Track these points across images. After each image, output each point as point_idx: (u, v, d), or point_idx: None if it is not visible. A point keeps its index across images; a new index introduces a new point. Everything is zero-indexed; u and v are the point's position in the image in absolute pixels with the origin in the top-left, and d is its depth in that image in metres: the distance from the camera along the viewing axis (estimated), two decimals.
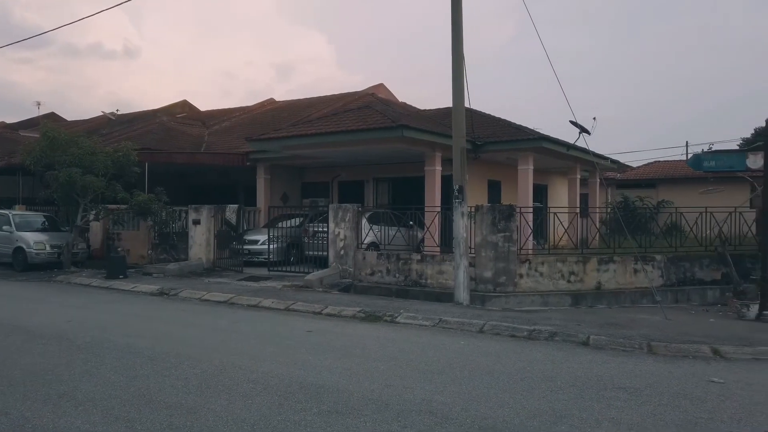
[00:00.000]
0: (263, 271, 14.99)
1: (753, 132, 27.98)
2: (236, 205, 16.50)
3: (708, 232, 13.39)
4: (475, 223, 12.12)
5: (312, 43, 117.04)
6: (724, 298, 11.97)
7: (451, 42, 11.57)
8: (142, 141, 20.50)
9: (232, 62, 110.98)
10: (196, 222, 16.05)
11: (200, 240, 15.99)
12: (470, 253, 11.86)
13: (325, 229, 14.17)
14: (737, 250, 13.03)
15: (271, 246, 15.51)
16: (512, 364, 6.89)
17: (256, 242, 16.34)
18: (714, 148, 15.64)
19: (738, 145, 26.49)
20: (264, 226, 17.24)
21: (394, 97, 26.63)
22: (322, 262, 14.09)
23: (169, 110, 29.12)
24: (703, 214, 13.29)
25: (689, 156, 23.00)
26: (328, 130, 15.98)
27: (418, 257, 12.86)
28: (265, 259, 15.72)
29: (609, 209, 18.39)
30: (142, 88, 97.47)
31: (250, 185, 20.48)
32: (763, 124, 11.68)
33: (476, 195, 16.95)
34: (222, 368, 6.36)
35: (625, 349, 7.80)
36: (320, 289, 12.61)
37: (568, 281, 12.11)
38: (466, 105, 12.06)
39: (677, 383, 6.23)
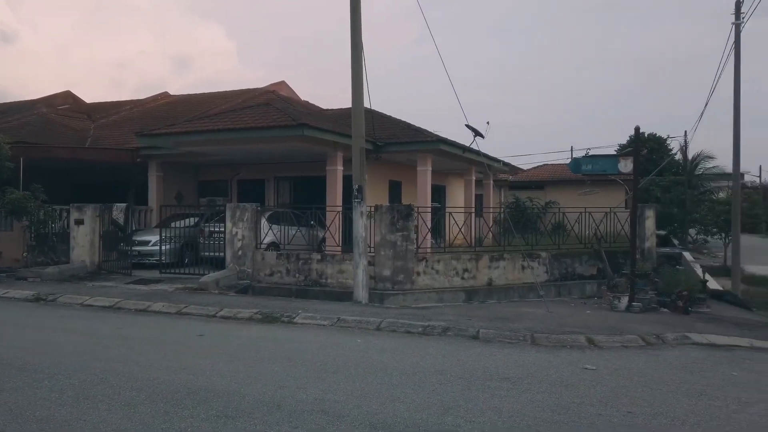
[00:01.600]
0: (155, 274, 14.26)
1: (628, 138, 30.60)
2: (124, 204, 15.57)
3: (587, 230, 14.51)
4: (374, 222, 12.29)
5: (211, 35, 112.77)
6: (600, 292, 13.03)
7: (351, 41, 11.65)
8: (17, 134, 18.75)
9: (122, 52, 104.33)
10: (79, 222, 14.94)
11: (83, 241, 14.91)
12: (370, 252, 12.01)
13: (223, 229, 13.73)
14: (612, 247, 14.23)
15: (164, 247, 14.79)
16: (406, 359, 7.07)
17: (147, 243, 15.51)
18: (592, 152, 17.07)
19: (615, 151, 28.87)
20: (156, 226, 16.39)
21: (296, 95, 26.35)
22: (219, 264, 13.65)
23: (50, 101, 26.83)
24: (583, 214, 14.38)
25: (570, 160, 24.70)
26: (226, 126, 15.50)
27: (319, 257, 12.83)
28: (156, 260, 14.96)
29: (501, 209, 19.37)
30: (19, 76, 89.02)
31: (141, 183, 19.39)
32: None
33: (378, 195, 17.20)
34: (102, 377, 5.97)
35: (511, 341, 8.26)
36: (216, 291, 12.21)
37: (462, 278, 12.62)
38: (368, 106, 12.21)
39: (555, 371, 6.70)
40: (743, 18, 15.37)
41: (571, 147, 54.64)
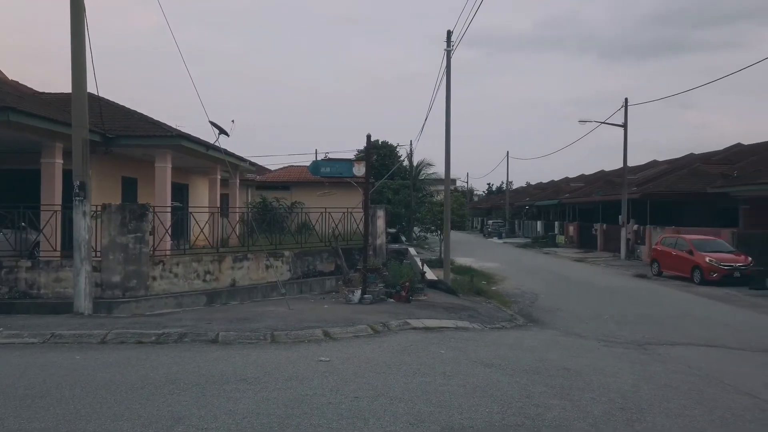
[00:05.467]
0: None
1: (366, 144, 33.37)
2: None
3: (328, 229, 15.34)
4: (102, 223, 11.04)
5: None
6: (338, 286, 13.89)
7: (70, 13, 10.28)
8: None
9: None
10: None
11: None
12: (97, 256, 10.76)
13: None
14: (348, 245, 15.32)
15: None
16: (135, 372, 6.52)
17: None
18: (332, 156, 18.13)
19: (354, 155, 31.19)
20: None
21: (3, 74, 22.11)
22: None
23: None
24: (324, 213, 15.17)
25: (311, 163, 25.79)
26: None
27: (29, 264, 10.98)
28: None
29: (247, 209, 19.27)
30: None
31: None
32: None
33: (108, 193, 15.48)
34: None
35: (252, 342, 8.27)
36: None
37: (204, 280, 12.16)
38: (95, 92, 10.91)
39: (292, 367, 6.93)
40: (453, 46, 18.03)
41: (316, 150, 57.16)
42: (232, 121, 15.77)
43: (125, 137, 15.73)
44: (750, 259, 18.82)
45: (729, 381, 6.96)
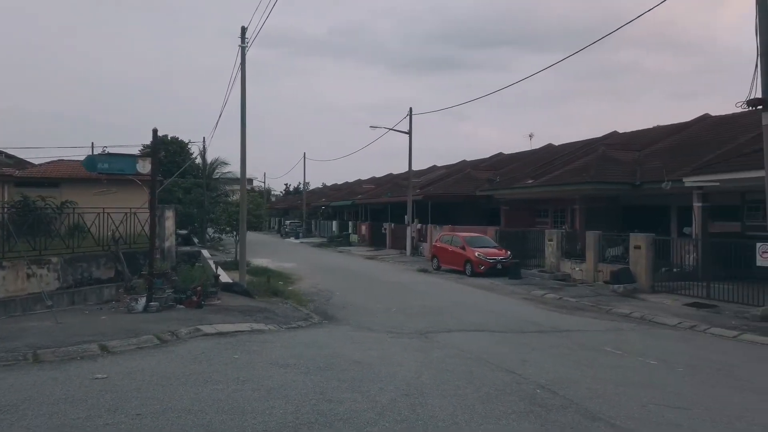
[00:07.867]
0: None
1: (152, 140, 30.83)
2: None
3: (107, 232, 13.82)
4: None
5: None
6: (118, 295, 12.61)
7: None
8: None
9: None
10: None
11: None
12: None
13: None
14: (132, 248, 14.01)
15: None
16: None
17: None
18: (115, 151, 16.19)
19: (140, 150, 28.60)
20: None
21: None
22: None
23: None
24: (102, 214, 13.65)
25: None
26: None
27: None
28: None
29: (2, 209, 16.43)
30: None
31: None
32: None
33: None
34: None
35: (8, 363, 7.09)
36: None
37: None
38: None
39: (61, 388, 6.10)
40: (248, 42, 17.64)
41: (92, 143, 51.16)
42: None
43: None
44: (509, 253, 21.82)
45: (493, 361, 7.99)
